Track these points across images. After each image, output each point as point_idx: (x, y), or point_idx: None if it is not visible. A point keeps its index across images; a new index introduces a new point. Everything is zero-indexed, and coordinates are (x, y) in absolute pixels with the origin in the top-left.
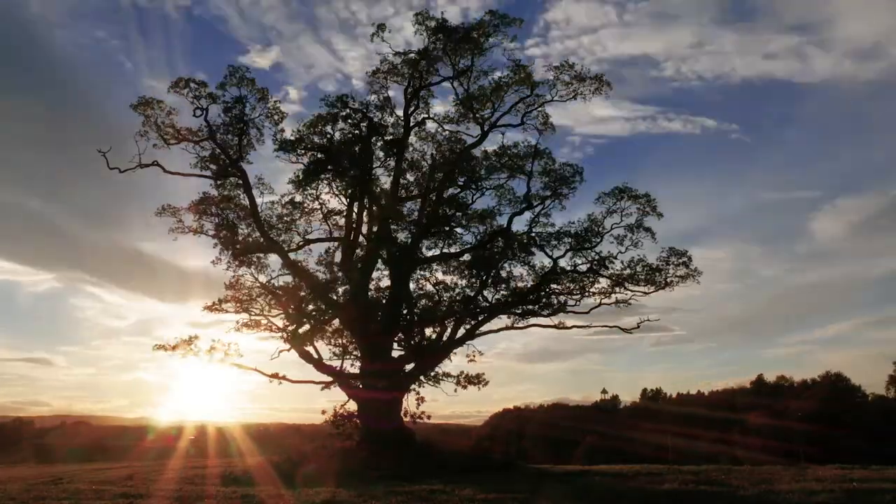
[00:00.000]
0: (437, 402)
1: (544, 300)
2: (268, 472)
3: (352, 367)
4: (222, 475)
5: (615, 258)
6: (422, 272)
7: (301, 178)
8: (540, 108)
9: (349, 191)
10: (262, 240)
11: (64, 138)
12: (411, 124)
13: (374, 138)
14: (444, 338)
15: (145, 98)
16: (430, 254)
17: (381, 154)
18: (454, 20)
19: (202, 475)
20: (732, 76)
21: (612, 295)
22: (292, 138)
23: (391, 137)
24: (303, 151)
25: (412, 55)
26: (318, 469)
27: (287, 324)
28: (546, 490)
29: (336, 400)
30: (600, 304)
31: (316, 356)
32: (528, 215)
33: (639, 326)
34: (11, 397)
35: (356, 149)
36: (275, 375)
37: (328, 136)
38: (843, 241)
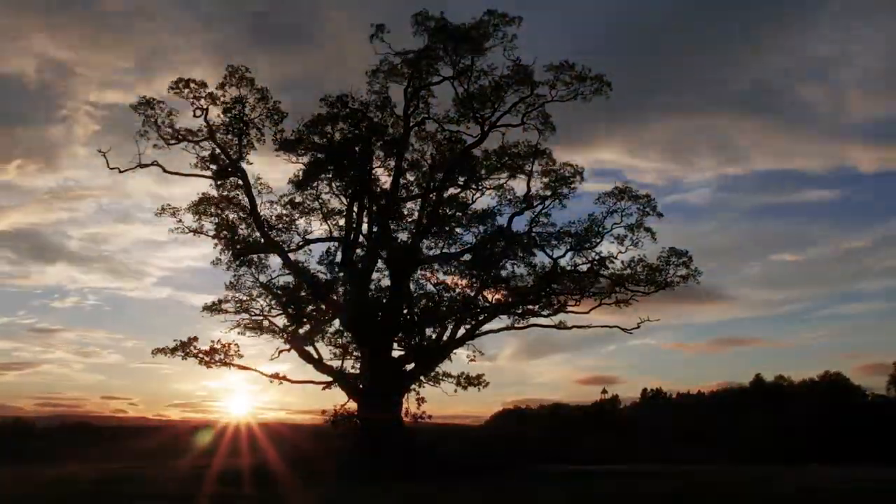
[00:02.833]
0: (438, 402)
1: (544, 300)
2: (268, 471)
3: (352, 367)
4: (222, 474)
5: (615, 258)
6: (422, 272)
7: (301, 177)
8: (540, 108)
9: (349, 191)
10: (262, 240)
11: None
12: (411, 124)
13: (373, 138)
14: (445, 338)
15: (145, 98)
16: (430, 254)
17: (381, 154)
18: (454, 19)
19: (202, 474)
20: None
21: (613, 295)
22: (292, 138)
23: (391, 137)
24: (303, 151)
25: (412, 55)
26: (318, 469)
27: (287, 324)
28: (546, 490)
29: (336, 400)
30: (601, 304)
31: (316, 356)
32: (528, 215)
33: (639, 326)
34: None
35: (356, 149)
36: (275, 375)
37: (328, 135)
38: None
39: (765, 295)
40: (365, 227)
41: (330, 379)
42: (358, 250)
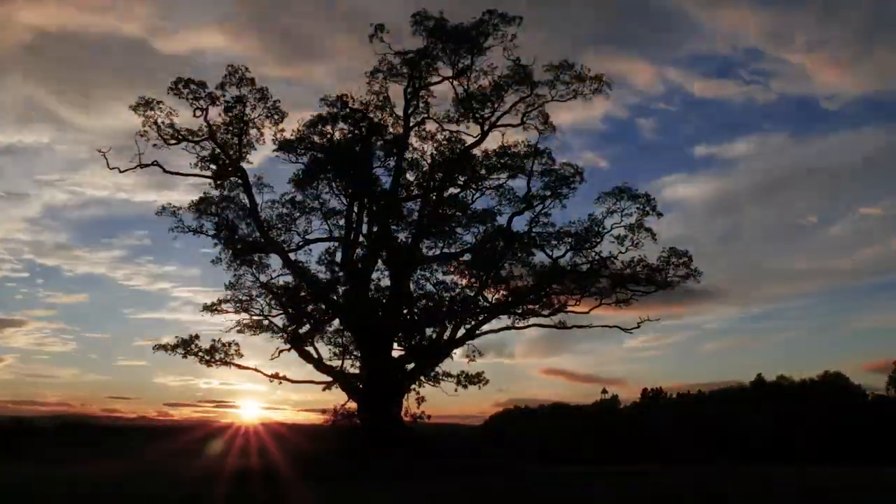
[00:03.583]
0: (438, 401)
1: (544, 300)
2: (269, 471)
3: (352, 367)
4: (223, 474)
5: (615, 258)
6: (422, 272)
7: (301, 177)
8: (540, 108)
9: (349, 191)
10: (262, 239)
11: None
12: (411, 124)
13: (373, 138)
14: (445, 338)
15: (145, 98)
16: (430, 254)
17: (381, 154)
18: (453, 19)
19: (200, 475)
20: None
21: (613, 295)
22: (292, 138)
23: (391, 137)
24: (303, 151)
25: (411, 55)
26: (318, 469)
27: (287, 324)
28: (546, 490)
29: (336, 400)
30: (601, 304)
31: (316, 356)
32: (528, 215)
33: (639, 326)
34: None
35: (356, 149)
36: (275, 375)
37: (328, 135)
38: None
39: None
40: (365, 227)
41: (330, 379)
42: (358, 250)
